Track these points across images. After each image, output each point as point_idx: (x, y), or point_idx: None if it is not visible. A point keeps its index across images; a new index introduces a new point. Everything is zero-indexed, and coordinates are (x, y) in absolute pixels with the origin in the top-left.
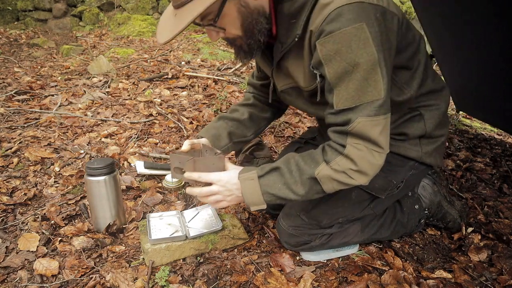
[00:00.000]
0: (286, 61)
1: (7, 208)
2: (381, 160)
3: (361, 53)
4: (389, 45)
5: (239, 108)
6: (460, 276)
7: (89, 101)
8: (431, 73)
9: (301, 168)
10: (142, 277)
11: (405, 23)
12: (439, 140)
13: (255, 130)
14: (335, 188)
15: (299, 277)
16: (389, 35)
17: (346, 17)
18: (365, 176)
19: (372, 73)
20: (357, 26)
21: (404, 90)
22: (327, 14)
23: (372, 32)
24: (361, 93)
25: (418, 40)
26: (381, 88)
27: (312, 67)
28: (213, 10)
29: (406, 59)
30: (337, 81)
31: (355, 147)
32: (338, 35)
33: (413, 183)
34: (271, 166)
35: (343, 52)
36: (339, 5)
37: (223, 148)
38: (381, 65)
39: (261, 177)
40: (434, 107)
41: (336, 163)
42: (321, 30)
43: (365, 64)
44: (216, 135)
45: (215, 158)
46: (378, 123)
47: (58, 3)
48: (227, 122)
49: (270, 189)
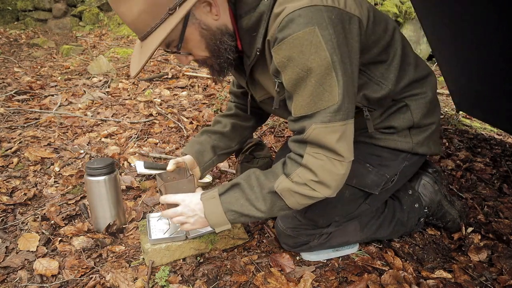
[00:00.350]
0: (256, 73)
1: (7, 208)
2: (343, 169)
3: (313, 57)
4: (349, 48)
5: (222, 120)
6: (460, 276)
7: (89, 101)
8: (412, 61)
9: (261, 182)
10: (142, 277)
11: (371, 18)
12: (430, 128)
13: (239, 140)
14: (299, 202)
15: (299, 277)
16: (347, 37)
17: (297, 22)
18: (327, 188)
19: (326, 78)
20: (308, 30)
21: (381, 85)
22: (279, 21)
23: (325, 35)
24: (317, 99)
25: (392, 31)
26: (337, 92)
27: (273, 75)
28: (175, 37)
29: (377, 54)
30: (293, 87)
31: (313, 156)
32: (289, 41)
33: (409, 174)
34: (232, 183)
35: (296, 58)
36: (290, 11)
37: (208, 162)
38: (336, 68)
39: (222, 195)
40: (419, 96)
41: (297, 175)
42: (275, 38)
43: (318, 69)
44: (199, 151)
45: (185, 181)
46: (334, 130)
47: (58, 3)
48: (210, 136)
49: (232, 206)
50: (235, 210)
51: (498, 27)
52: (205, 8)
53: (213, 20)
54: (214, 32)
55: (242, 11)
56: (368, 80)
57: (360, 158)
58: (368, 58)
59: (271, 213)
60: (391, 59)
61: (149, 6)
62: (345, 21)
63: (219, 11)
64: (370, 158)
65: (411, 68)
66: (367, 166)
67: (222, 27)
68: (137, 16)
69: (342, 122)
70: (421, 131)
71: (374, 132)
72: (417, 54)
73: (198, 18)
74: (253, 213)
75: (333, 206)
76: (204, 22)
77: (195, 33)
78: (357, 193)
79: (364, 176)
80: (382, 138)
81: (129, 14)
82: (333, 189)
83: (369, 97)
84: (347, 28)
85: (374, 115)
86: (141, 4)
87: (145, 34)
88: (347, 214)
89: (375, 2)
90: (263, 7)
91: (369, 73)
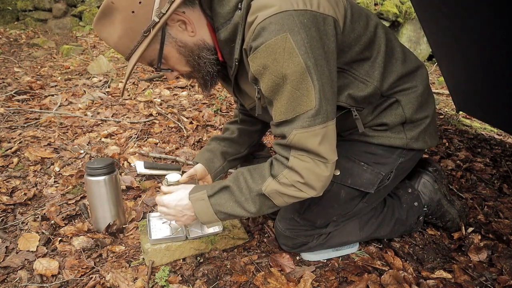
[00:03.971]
0: (240, 82)
1: (7, 208)
2: (327, 171)
3: (287, 64)
4: (325, 49)
5: (230, 127)
6: (460, 276)
7: (89, 101)
8: (399, 56)
9: (249, 185)
10: (142, 277)
11: (349, 16)
12: (424, 123)
13: (248, 144)
14: (287, 201)
15: (299, 277)
16: (323, 39)
17: (269, 30)
18: (313, 189)
19: (302, 83)
20: (280, 37)
21: (366, 83)
22: (253, 30)
23: (297, 40)
24: (295, 104)
25: (374, 27)
26: (313, 97)
27: (253, 83)
28: (154, 56)
29: (360, 51)
30: (271, 94)
31: (298, 159)
32: (262, 49)
33: (406, 169)
34: (221, 185)
35: (270, 66)
36: (262, 19)
37: (218, 169)
38: (311, 73)
39: (211, 197)
40: (410, 90)
41: (284, 176)
42: (249, 47)
43: (292, 75)
44: (209, 159)
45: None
46: (315, 133)
47: (58, 3)
48: (219, 143)
49: (222, 208)
50: (225, 211)
51: (498, 27)
52: (180, 26)
53: (189, 37)
54: (191, 48)
55: (219, 24)
56: (353, 79)
57: (355, 157)
58: (351, 57)
59: (260, 212)
60: (375, 56)
61: (126, 31)
62: (319, 22)
63: (194, 28)
64: (364, 156)
65: (399, 63)
66: (361, 165)
67: (199, 42)
68: (117, 40)
69: (322, 125)
70: (415, 126)
71: (367, 130)
72: (406, 47)
73: (174, 37)
74: (242, 213)
75: (330, 206)
76: (180, 40)
77: (172, 51)
78: (353, 193)
79: (359, 175)
80: (376, 136)
81: (111, 38)
82: (319, 189)
83: (355, 96)
84: (321, 29)
85: (364, 113)
86: (119, 30)
87: (128, 55)
88: (345, 213)
89: (375, 2)
90: (237, 18)
91: (353, 72)
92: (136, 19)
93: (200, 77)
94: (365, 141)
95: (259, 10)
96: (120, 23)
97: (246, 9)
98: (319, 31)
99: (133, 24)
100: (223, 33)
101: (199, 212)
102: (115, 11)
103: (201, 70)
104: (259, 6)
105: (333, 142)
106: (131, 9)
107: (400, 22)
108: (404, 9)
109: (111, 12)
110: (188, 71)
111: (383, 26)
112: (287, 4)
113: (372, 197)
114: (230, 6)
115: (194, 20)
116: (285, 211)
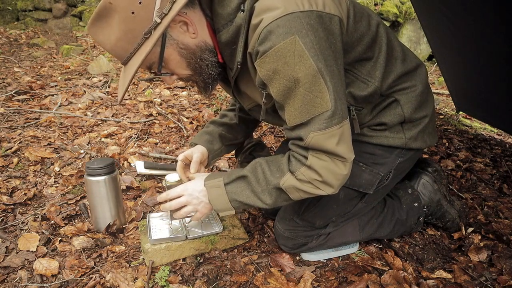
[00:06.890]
0: (240, 84)
1: (7, 208)
2: (345, 169)
3: (298, 67)
4: (332, 49)
5: (228, 113)
6: (460, 276)
7: (89, 101)
8: (399, 55)
9: (267, 177)
10: (142, 277)
11: (352, 16)
12: (423, 122)
13: (245, 133)
14: (302, 196)
15: (299, 277)
16: (330, 39)
17: (277, 33)
18: (330, 187)
19: (315, 85)
20: (289, 41)
21: (367, 82)
22: (259, 33)
23: (306, 42)
24: (309, 106)
25: (375, 26)
26: (328, 98)
27: (259, 87)
28: (155, 59)
29: (363, 51)
30: (283, 98)
31: (317, 158)
32: (271, 53)
33: (405, 169)
34: (238, 174)
35: (281, 70)
36: (268, 22)
37: (217, 151)
38: (323, 74)
39: (227, 185)
40: (409, 89)
41: (301, 173)
42: (256, 51)
43: (305, 78)
44: (209, 140)
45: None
46: (332, 134)
47: (58, 3)
48: (218, 127)
49: (237, 197)
50: (240, 200)
51: (498, 27)
52: (181, 28)
53: (191, 38)
54: (193, 51)
55: (220, 25)
56: (354, 79)
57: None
58: (354, 57)
59: (275, 204)
60: (376, 56)
61: (125, 33)
62: (326, 22)
63: (196, 29)
64: (363, 156)
65: (399, 62)
66: (360, 165)
67: (201, 44)
68: (115, 43)
69: (338, 126)
70: (414, 125)
71: (366, 130)
72: (405, 46)
73: (175, 39)
74: (258, 204)
75: (329, 207)
76: (182, 41)
77: (174, 54)
78: (352, 194)
79: (358, 175)
80: (374, 136)
81: (108, 42)
82: (336, 187)
83: (356, 95)
84: (328, 29)
85: (363, 113)
86: (117, 32)
87: (126, 59)
88: (344, 214)
89: (375, 2)
90: (240, 20)
91: (355, 71)
92: (136, 20)
93: (201, 80)
94: (363, 141)
95: (264, 12)
96: (118, 24)
97: (250, 11)
98: (326, 31)
99: (133, 25)
100: (224, 34)
101: (213, 199)
102: (113, 12)
103: (202, 73)
104: (263, 8)
105: (349, 140)
106: (130, 10)
107: (400, 22)
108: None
109: (108, 13)
110: (189, 74)
111: (384, 25)
112: (292, 6)
113: (371, 197)
114: (232, 7)
115: (195, 21)
116: (284, 212)
